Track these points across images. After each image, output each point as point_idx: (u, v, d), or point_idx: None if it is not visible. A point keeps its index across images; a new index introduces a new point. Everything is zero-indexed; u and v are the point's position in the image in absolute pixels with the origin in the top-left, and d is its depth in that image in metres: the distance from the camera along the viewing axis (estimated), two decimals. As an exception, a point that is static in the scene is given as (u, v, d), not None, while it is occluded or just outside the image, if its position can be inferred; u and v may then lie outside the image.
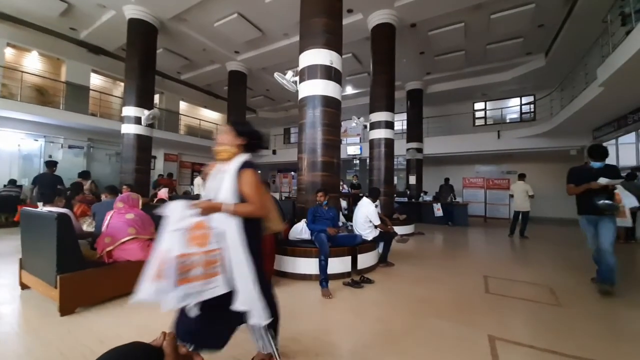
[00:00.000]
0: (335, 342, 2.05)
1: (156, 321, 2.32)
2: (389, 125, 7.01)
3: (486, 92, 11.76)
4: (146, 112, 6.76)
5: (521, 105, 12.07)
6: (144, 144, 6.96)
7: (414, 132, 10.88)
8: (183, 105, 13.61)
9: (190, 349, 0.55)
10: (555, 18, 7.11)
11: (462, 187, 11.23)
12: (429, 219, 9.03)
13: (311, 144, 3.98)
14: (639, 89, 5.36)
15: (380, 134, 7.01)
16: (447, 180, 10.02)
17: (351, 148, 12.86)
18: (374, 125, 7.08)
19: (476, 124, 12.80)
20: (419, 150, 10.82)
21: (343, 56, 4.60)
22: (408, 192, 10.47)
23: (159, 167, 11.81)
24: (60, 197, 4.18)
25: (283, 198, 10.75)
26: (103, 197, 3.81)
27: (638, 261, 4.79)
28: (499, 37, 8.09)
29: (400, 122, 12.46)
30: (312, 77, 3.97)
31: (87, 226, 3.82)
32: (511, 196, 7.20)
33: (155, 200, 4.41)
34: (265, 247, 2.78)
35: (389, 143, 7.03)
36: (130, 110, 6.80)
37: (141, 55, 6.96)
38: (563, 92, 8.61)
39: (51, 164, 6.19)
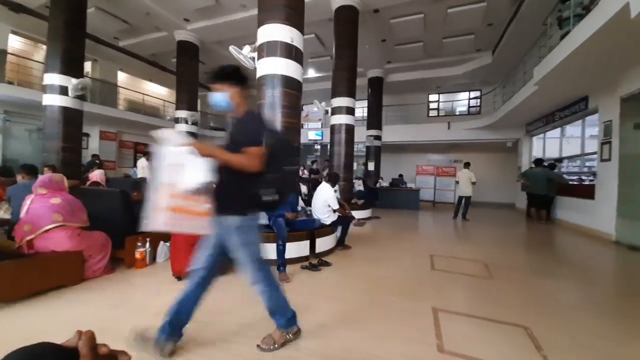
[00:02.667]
0: (291, 325, 2.05)
1: (85, 317, 2.08)
2: (350, 111, 7.05)
3: (440, 84, 12.47)
4: (74, 81, 5.81)
5: (469, 99, 13.08)
6: (72, 118, 6.00)
7: (374, 120, 11.17)
8: (122, 77, 12.05)
9: None
10: (503, 18, 7.69)
11: (416, 174, 11.97)
12: (385, 204, 9.48)
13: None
14: (566, 88, 6.11)
15: (341, 119, 7.04)
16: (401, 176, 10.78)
17: (312, 133, 12.79)
18: (335, 111, 7.07)
19: (430, 115, 13.59)
20: (378, 137, 11.17)
21: (305, 36, 4.41)
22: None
23: (94, 146, 10.39)
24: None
25: (241, 182, 10.36)
26: (19, 178, 3.24)
27: (555, 238, 5.61)
28: (454, 32, 8.52)
29: (361, 109, 12.70)
30: (271, 54, 3.74)
31: (3, 212, 3.23)
32: (457, 182, 7.86)
33: (89, 183, 3.88)
34: (178, 243, 2.57)
35: (350, 129, 7.11)
36: (53, 78, 5.78)
37: (67, 14, 5.88)
38: (505, 88, 9.50)
39: None
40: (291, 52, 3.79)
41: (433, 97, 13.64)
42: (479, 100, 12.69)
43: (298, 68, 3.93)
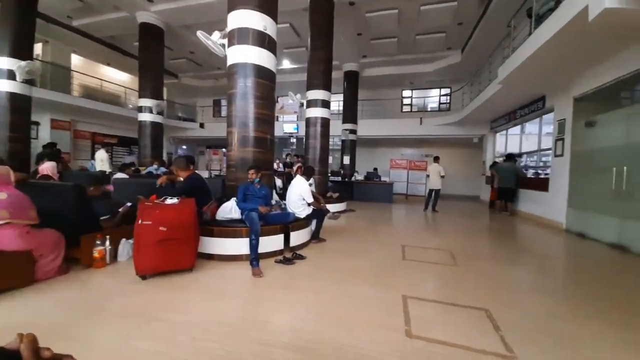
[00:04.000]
0: (265, 318, 2.02)
1: (37, 320, 1.91)
2: (326, 104, 7.03)
3: (413, 81, 12.81)
4: (23, 63, 5.23)
5: (440, 96, 13.58)
6: (19, 105, 5.41)
7: (349, 114, 11.24)
8: (77, 60, 11.02)
9: None
10: (472, 18, 8.01)
11: (390, 168, 12.28)
12: (360, 197, 9.65)
13: (242, 117, 3.68)
14: (526, 88, 6.53)
15: (316, 112, 6.99)
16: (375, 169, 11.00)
17: (288, 125, 12.61)
18: (311, 103, 7.01)
19: (403, 110, 13.95)
20: (353, 131, 11.27)
21: (280, 25, 4.30)
22: (342, 172, 10.93)
23: (44, 135, 9.40)
24: None
25: (213, 176, 10.01)
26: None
27: (514, 228, 6.04)
28: (427, 29, 8.75)
29: (337, 103, 12.72)
30: (243, 41, 3.59)
31: None
32: (427, 176, 8.18)
33: (38, 176, 3.53)
34: (143, 240, 2.40)
35: (325, 122, 7.09)
36: (1, 62, 5.17)
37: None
38: (472, 86, 9.96)
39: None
40: (264, 40, 3.66)
41: (406, 93, 13.99)
42: (448, 97, 13.21)
43: (271, 58, 3.81)
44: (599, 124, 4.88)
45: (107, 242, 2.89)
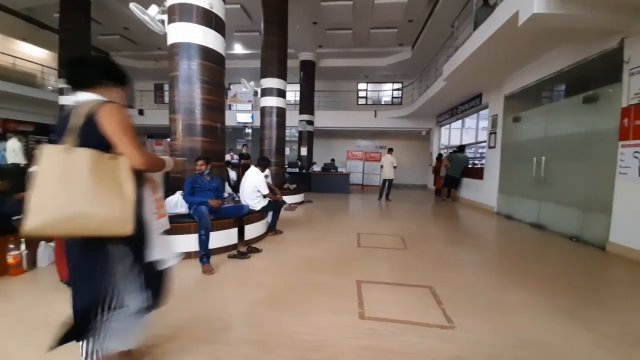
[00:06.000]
0: (215, 316, 1.91)
1: None
2: (281, 93, 6.84)
3: (368, 74, 13.14)
4: None
5: (392, 90, 14.20)
6: None
7: (306, 104, 11.15)
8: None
9: None
10: (421, 16, 8.41)
11: (347, 159, 12.58)
12: (318, 188, 9.71)
13: (187, 103, 3.38)
14: (467, 85, 7.12)
15: (271, 101, 6.77)
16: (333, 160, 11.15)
17: (242, 115, 12.06)
18: (266, 92, 6.76)
19: (359, 103, 14.30)
20: (310, 122, 11.23)
21: (229, 5, 4.00)
22: (299, 163, 10.86)
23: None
24: None
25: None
26: None
27: (456, 212, 6.65)
28: (380, 23, 8.97)
29: (294, 93, 12.52)
30: (185, 19, 3.26)
31: None
32: (381, 167, 8.55)
33: None
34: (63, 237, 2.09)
35: (281, 112, 6.92)
36: None
37: None
38: (421, 82, 10.58)
39: None
40: (210, 19, 3.37)
41: (362, 85, 14.34)
42: (400, 92, 13.88)
43: (219, 39, 3.54)
44: (523, 119, 5.55)
45: (23, 247, 2.46)
